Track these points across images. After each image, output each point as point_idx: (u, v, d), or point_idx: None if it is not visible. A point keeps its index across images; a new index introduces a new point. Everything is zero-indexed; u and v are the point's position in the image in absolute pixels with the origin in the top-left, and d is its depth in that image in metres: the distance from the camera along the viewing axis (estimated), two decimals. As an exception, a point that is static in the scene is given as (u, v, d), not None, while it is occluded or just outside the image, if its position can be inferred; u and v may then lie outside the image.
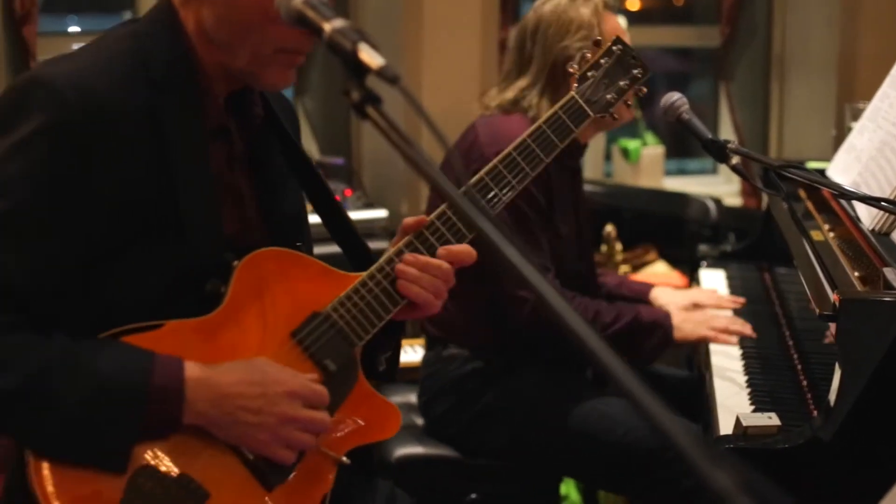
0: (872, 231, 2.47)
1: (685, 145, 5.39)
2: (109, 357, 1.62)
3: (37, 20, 3.73)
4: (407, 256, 1.84)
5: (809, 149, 4.80)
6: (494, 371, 2.92)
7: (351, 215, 2.05)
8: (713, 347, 2.80)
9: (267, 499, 1.72)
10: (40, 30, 3.78)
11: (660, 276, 4.12)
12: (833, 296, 2.14)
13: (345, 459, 1.80)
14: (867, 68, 4.72)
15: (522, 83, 2.94)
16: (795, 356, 2.57)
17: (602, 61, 2.11)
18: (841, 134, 3.51)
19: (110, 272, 1.67)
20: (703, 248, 3.61)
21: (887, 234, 2.47)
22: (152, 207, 1.68)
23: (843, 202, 2.71)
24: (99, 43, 1.77)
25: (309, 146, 4.62)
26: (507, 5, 4.47)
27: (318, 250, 1.97)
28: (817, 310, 2.21)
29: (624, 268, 4.24)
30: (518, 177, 1.97)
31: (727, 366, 2.66)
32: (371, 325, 1.82)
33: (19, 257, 1.60)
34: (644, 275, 4.17)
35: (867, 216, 2.53)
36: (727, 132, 5.11)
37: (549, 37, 2.90)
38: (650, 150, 5.01)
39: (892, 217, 2.47)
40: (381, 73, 1.35)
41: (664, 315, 2.93)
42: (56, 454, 1.60)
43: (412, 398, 3.17)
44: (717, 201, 4.48)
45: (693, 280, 3.48)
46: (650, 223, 4.55)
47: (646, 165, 4.99)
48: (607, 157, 5.17)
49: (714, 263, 3.44)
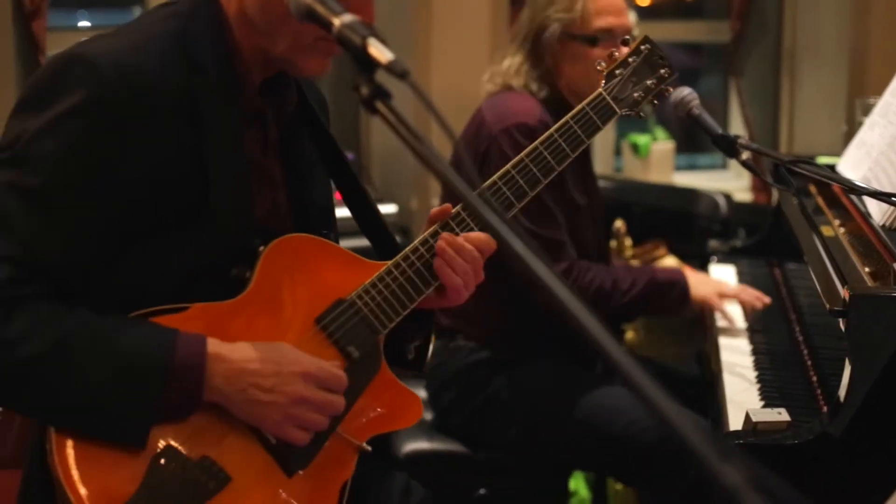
0: (883, 226, 2.46)
1: (695, 140, 5.38)
2: (133, 332, 1.64)
3: (46, 15, 3.73)
4: (445, 235, 1.85)
5: (820, 144, 4.78)
6: (501, 361, 2.92)
7: (361, 210, 2.05)
8: (723, 343, 2.80)
9: (288, 484, 1.73)
10: (50, 25, 3.78)
11: (669, 272, 4.11)
12: (843, 291, 2.13)
13: (366, 447, 1.81)
14: (878, 63, 4.70)
15: (511, 50, 3.00)
16: (805, 352, 2.56)
17: (630, 60, 2.13)
18: (851, 129, 3.50)
19: (140, 252, 1.68)
20: (713, 244, 3.61)
21: (898, 230, 2.46)
22: (185, 189, 1.69)
23: (854, 197, 2.70)
24: (139, 23, 1.78)
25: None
26: (517, -1, 4.47)
27: (347, 243, 1.96)
28: (827, 305, 2.20)
29: (634, 263, 4.23)
30: (543, 170, 1.97)
31: (737, 361, 2.66)
32: (395, 314, 1.83)
33: (51, 231, 1.61)
34: (654, 270, 4.16)
35: (877, 211, 2.53)
36: (737, 127, 5.10)
37: (535, 5, 2.95)
38: (660, 146, 5.00)
39: (903, 212, 2.46)
40: (391, 68, 1.35)
41: (679, 272, 3.01)
42: (75, 425, 1.61)
43: (422, 393, 3.16)
44: (728, 197, 4.47)
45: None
46: (660, 218, 4.54)
47: (656, 160, 4.98)
48: (617, 153, 5.16)
49: (724, 259, 3.44)
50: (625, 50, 2.18)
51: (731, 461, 0.96)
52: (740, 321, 2.92)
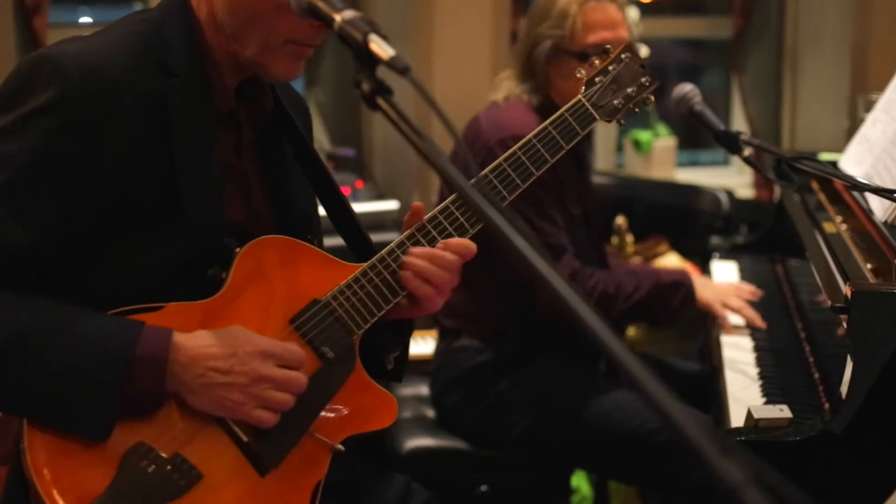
0: (885, 223, 2.46)
1: (697, 137, 5.38)
2: (97, 322, 1.65)
3: (47, 11, 3.74)
4: (414, 249, 1.85)
5: (822, 140, 4.78)
6: (506, 362, 2.92)
7: (362, 207, 2.06)
8: (724, 340, 2.80)
9: (260, 483, 1.72)
10: (51, 21, 3.78)
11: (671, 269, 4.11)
12: (845, 288, 2.13)
13: (340, 447, 1.79)
14: (880, 59, 4.70)
15: (511, 62, 3.05)
16: (807, 348, 2.56)
17: (610, 68, 2.14)
18: (854, 125, 3.50)
19: (116, 252, 1.69)
20: (715, 240, 3.61)
21: (900, 226, 2.46)
22: (155, 189, 1.70)
23: (856, 194, 2.70)
24: (111, 27, 1.79)
25: (320, 137, 4.62)
26: (519, -5, 4.47)
27: (325, 243, 1.97)
28: (829, 302, 2.20)
29: (635, 259, 4.23)
30: (522, 175, 1.97)
31: (739, 358, 2.66)
32: (370, 315, 1.83)
33: (15, 226, 1.63)
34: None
35: (880, 208, 2.53)
36: (739, 123, 5.10)
37: (531, 20, 2.97)
38: (662, 142, 5.00)
39: (905, 209, 2.46)
40: (392, 64, 1.35)
41: (683, 274, 3.00)
42: (38, 416, 1.62)
43: (424, 390, 3.17)
44: (730, 193, 4.47)
45: (705, 272, 3.47)
46: (662, 215, 4.54)
47: (658, 157, 4.98)
48: (619, 149, 5.16)
49: (726, 255, 3.44)
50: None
51: (733, 458, 0.96)
52: (740, 321, 2.91)
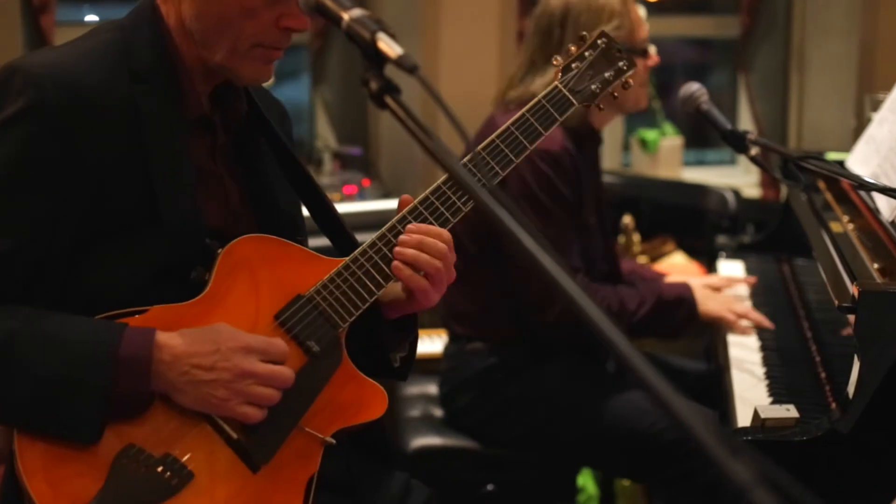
0: (892, 222, 2.46)
1: (704, 136, 5.37)
2: (80, 326, 1.66)
3: (54, 9, 3.74)
4: (402, 238, 1.84)
5: (829, 139, 4.77)
6: (517, 364, 2.92)
7: (368, 205, 2.06)
8: (731, 339, 2.79)
9: (252, 479, 1.72)
10: (58, 19, 3.79)
11: (678, 268, 4.11)
12: (852, 287, 2.13)
13: (331, 440, 1.79)
14: (887, 59, 4.69)
15: (541, 70, 2.91)
16: (814, 348, 2.56)
17: (586, 54, 2.13)
18: (861, 125, 3.49)
19: (94, 258, 1.71)
20: (722, 240, 3.60)
21: (907, 226, 2.46)
22: (130, 195, 1.72)
23: (863, 193, 2.69)
24: (83, 36, 1.82)
25: (326, 136, 4.62)
26: (526, -6, 4.46)
27: (310, 244, 1.96)
28: (836, 301, 2.20)
29: (642, 259, 4.23)
30: (501, 164, 1.98)
31: (745, 358, 2.66)
32: (355, 308, 1.82)
33: None
34: (662, 266, 4.15)
35: (887, 207, 2.52)
36: (746, 123, 5.09)
37: (582, 24, 2.83)
38: (669, 141, 4.99)
39: (913, 208, 2.45)
40: (400, 63, 1.35)
41: (685, 287, 2.98)
42: (26, 423, 1.63)
43: (431, 389, 3.17)
44: (736, 192, 4.46)
45: (711, 271, 3.47)
46: (668, 214, 4.53)
47: (664, 156, 4.97)
48: (625, 148, 5.16)
49: (732, 255, 3.43)
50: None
51: (741, 458, 0.96)
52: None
